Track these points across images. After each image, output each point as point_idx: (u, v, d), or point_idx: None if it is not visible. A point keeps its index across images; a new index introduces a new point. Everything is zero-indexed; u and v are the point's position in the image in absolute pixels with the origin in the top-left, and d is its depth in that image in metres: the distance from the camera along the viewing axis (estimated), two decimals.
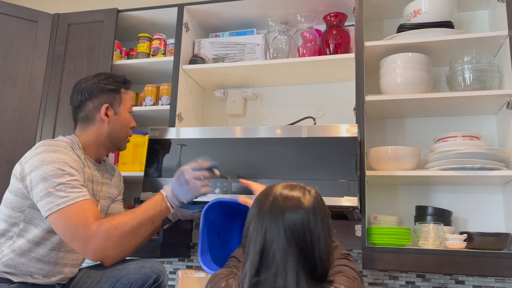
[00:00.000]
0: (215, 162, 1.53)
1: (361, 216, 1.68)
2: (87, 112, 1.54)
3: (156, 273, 1.52)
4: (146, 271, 1.48)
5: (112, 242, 1.35)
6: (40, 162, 1.36)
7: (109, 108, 1.54)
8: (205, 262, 1.51)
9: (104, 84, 1.55)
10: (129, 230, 1.38)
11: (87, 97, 1.54)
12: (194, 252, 2.18)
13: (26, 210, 1.39)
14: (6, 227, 1.40)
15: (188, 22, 2.16)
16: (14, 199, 1.41)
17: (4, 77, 2.09)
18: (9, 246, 1.39)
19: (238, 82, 2.23)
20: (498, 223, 1.84)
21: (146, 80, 2.36)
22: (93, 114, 1.54)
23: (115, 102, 1.56)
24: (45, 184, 1.33)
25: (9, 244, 1.39)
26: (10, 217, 1.40)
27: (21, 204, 1.40)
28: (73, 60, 2.17)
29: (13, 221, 1.40)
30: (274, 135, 1.64)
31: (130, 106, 1.63)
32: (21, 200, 1.40)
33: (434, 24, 1.85)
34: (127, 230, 1.38)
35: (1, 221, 1.41)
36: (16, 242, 1.39)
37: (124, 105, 1.60)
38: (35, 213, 1.39)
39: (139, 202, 2.04)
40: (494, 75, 1.78)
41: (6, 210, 1.41)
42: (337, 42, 1.97)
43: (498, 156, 1.67)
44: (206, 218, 1.55)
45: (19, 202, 1.40)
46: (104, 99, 1.54)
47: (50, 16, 2.22)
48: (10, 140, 2.04)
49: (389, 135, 2.05)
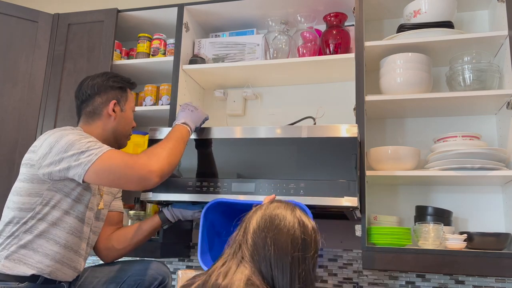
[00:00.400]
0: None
1: (361, 216, 1.68)
2: (95, 107, 1.58)
3: (161, 275, 1.54)
4: (152, 273, 1.50)
5: (164, 159, 1.41)
6: (55, 140, 1.40)
7: (116, 105, 1.60)
8: (205, 262, 1.51)
9: (113, 82, 1.61)
10: (170, 148, 1.46)
11: (96, 91, 1.58)
12: (194, 252, 2.18)
13: (44, 193, 1.41)
14: (20, 214, 1.41)
15: (188, 22, 2.16)
16: (29, 185, 1.42)
17: (4, 77, 2.09)
18: (26, 230, 1.39)
19: (238, 82, 2.23)
20: (498, 223, 1.84)
21: (146, 80, 2.36)
22: (100, 109, 1.58)
23: (122, 100, 1.62)
24: (71, 151, 1.36)
25: (24, 229, 1.40)
26: (25, 204, 1.41)
27: (38, 188, 1.41)
28: (73, 60, 2.17)
29: (29, 207, 1.41)
30: (274, 135, 1.64)
31: (134, 106, 1.69)
32: (37, 185, 1.41)
33: (434, 24, 1.85)
34: (169, 148, 1.46)
35: (13, 210, 1.42)
36: (33, 225, 1.40)
37: (129, 103, 1.66)
38: (54, 195, 1.42)
39: (139, 202, 2.05)
40: (494, 75, 1.78)
41: (19, 199, 1.42)
42: (337, 42, 1.97)
43: (498, 156, 1.67)
44: (206, 218, 1.55)
45: (36, 187, 1.41)
46: (112, 95, 1.60)
47: (50, 16, 2.22)
48: (10, 140, 2.04)
49: (389, 135, 2.05)
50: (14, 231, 1.40)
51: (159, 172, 1.39)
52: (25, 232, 1.39)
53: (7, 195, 1.67)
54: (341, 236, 2.00)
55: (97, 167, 1.35)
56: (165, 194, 1.67)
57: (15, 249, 1.37)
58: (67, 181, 1.43)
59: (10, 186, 1.98)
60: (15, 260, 1.37)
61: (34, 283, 1.37)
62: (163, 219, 1.72)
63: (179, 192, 1.66)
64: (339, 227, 1.98)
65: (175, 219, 1.72)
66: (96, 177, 1.36)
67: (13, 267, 1.36)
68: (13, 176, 2.00)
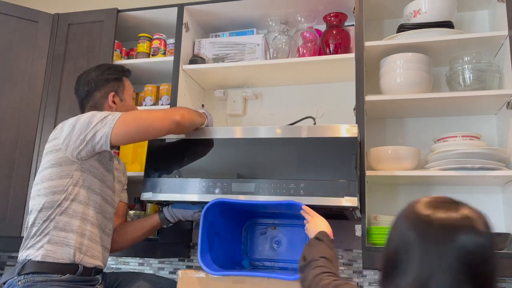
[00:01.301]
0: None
1: (361, 216, 1.68)
2: (95, 102, 1.63)
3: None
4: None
5: (184, 110, 1.57)
6: (75, 120, 1.48)
7: (115, 96, 1.65)
8: (205, 262, 1.51)
9: (107, 74, 1.66)
10: (192, 119, 1.61)
11: (93, 87, 1.64)
12: (194, 252, 2.18)
13: (74, 174, 1.47)
14: (54, 197, 1.45)
15: (188, 22, 2.16)
16: (59, 169, 1.47)
17: (4, 77, 2.09)
18: (62, 212, 1.44)
19: (238, 82, 2.23)
20: (498, 223, 1.84)
21: (146, 80, 2.36)
22: (101, 102, 1.63)
23: (120, 90, 1.68)
24: (94, 122, 1.44)
25: (60, 211, 1.44)
26: (58, 187, 1.46)
27: (68, 170, 1.47)
28: (73, 60, 2.16)
29: (62, 189, 1.45)
30: (274, 135, 1.64)
31: (133, 93, 1.74)
32: (66, 167, 1.47)
33: (434, 24, 1.85)
34: (189, 109, 1.62)
35: (46, 196, 1.46)
36: (68, 206, 1.45)
37: (128, 92, 1.71)
38: (82, 175, 1.48)
39: (139, 202, 2.05)
40: (494, 75, 1.78)
41: (51, 183, 1.46)
42: (337, 42, 1.97)
43: (498, 156, 1.67)
44: (206, 218, 1.55)
45: (65, 169, 1.47)
46: (109, 88, 1.65)
47: (50, 16, 2.22)
48: (10, 140, 2.04)
49: (389, 135, 2.04)
50: (49, 215, 1.44)
51: (179, 113, 1.52)
52: (60, 214, 1.44)
53: (7, 194, 1.68)
54: (341, 236, 2.00)
55: (122, 118, 1.45)
56: (165, 194, 1.67)
57: (55, 232, 1.42)
58: (93, 160, 1.50)
59: (10, 186, 2.00)
60: (58, 243, 1.42)
61: (73, 274, 1.42)
62: (163, 219, 1.72)
63: (179, 192, 1.66)
64: (339, 227, 1.97)
65: (175, 219, 1.72)
66: (124, 129, 1.44)
67: (56, 250, 1.41)
68: (13, 176, 2.00)
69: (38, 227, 1.43)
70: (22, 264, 1.40)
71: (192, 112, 1.62)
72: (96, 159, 1.51)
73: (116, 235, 1.69)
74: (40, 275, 1.38)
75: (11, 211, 1.97)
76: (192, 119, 1.60)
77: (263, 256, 1.82)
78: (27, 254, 1.41)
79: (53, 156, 1.48)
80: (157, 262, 2.24)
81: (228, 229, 1.76)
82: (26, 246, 1.44)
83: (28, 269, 1.38)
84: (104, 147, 1.45)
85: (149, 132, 1.49)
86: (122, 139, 1.46)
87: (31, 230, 1.45)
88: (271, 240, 1.83)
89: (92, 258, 1.48)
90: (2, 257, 2.49)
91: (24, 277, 1.37)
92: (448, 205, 0.82)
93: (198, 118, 1.65)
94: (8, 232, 1.95)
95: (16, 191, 1.98)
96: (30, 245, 1.43)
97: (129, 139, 1.49)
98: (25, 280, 1.37)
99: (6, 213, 1.97)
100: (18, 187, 1.98)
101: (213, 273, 1.47)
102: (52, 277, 1.38)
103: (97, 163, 1.53)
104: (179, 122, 1.50)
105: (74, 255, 1.43)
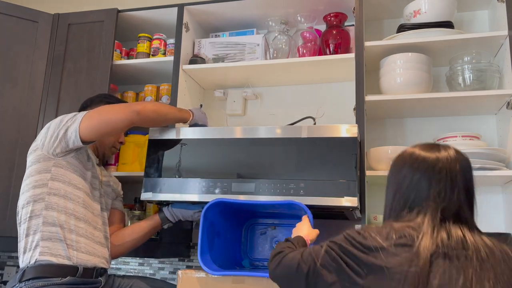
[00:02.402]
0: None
1: (361, 216, 1.68)
2: None
3: None
4: None
5: (149, 103, 1.57)
6: (49, 123, 1.54)
7: None
8: (205, 262, 1.51)
9: (103, 97, 1.73)
10: (160, 105, 1.63)
11: (88, 104, 1.71)
12: (194, 252, 2.18)
13: (52, 169, 1.50)
14: (35, 191, 1.48)
15: (188, 22, 2.16)
16: (37, 165, 1.51)
17: (4, 77, 2.09)
18: (47, 207, 1.46)
19: (238, 82, 2.23)
20: (498, 223, 1.84)
21: (146, 80, 2.36)
22: None
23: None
24: (64, 121, 1.50)
25: (44, 205, 1.46)
26: (37, 181, 1.49)
27: (46, 165, 1.50)
28: (73, 60, 2.16)
29: (42, 183, 1.49)
30: (274, 135, 1.64)
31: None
32: (44, 163, 1.50)
33: (434, 24, 1.85)
34: (159, 104, 1.65)
35: (28, 191, 1.49)
36: (51, 201, 1.47)
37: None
38: (60, 170, 1.51)
39: (139, 202, 2.05)
40: (494, 75, 1.78)
41: (31, 179, 1.50)
42: (337, 42, 1.97)
43: (498, 156, 1.67)
44: (206, 218, 1.55)
45: (43, 165, 1.50)
46: (100, 105, 1.66)
47: (50, 16, 2.22)
48: (10, 140, 2.04)
49: (389, 135, 2.04)
50: (33, 210, 1.46)
51: (142, 104, 1.54)
52: (46, 209, 1.46)
53: (7, 194, 1.68)
54: None
55: (88, 114, 1.50)
56: (165, 194, 1.67)
57: (45, 228, 1.44)
58: (69, 157, 1.53)
59: (10, 186, 2.00)
60: (51, 239, 1.44)
61: (74, 276, 1.43)
62: (163, 219, 1.72)
63: (179, 192, 1.66)
64: (339, 227, 1.97)
65: (175, 219, 1.72)
66: (88, 122, 1.48)
67: (51, 245, 1.43)
68: (13, 176, 2.00)
69: (27, 224, 1.46)
70: (23, 270, 1.41)
71: (164, 106, 1.64)
72: (73, 157, 1.54)
73: (114, 239, 1.68)
74: (40, 279, 1.38)
75: (11, 211, 1.96)
76: (159, 110, 1.59)
77: (263, 256, 1.82)
78: (25, 259, 1.43)
79: (32, 156, 1.53)
80: (157, 262, 2.24)
81: (228, 229, 1.76)
82: (22, 249, 1.46)
83: (29, 275, 1.39)
84: (76, 143, 1.49)
85: (110, 123, 1.50)
86: (90, 134, 1.49)
87: (21, 229, 1.48)
88: (271, 240, 1.83)
89: (87, 254, 1.48)
90: (2, 257, 2.49)
91: (25, 284, 1.38)
92: (438, 147, 1.08)
93: (172, 111, 1.66)
94: (8, 232, 1.95)
95: (16, 191, 1.97)
96: (26, 247, 1.44)
97: (96, 133, 1.50)
98: (26, 286, 1.38)
99: (6, 213, 1.97)
100: (18, 187, 1.95)
101: (213, 273, 1.47)
102: (53, 281, 1.39)
103: (75, 160, 1.55)
104: (139, 111, 1.51)
105: (69, 251, 1.43)
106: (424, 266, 0.89)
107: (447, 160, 1.04)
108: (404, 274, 0.89)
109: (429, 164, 1.04)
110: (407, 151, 1.10)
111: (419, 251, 0.91)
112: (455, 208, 1.00)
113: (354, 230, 1.03)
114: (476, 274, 0.88)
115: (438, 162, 1.03)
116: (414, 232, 0.95)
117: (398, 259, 0.92)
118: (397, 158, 1.11)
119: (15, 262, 2.45)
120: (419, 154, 1.06)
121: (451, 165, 1.03)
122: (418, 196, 1.02)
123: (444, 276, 0.88)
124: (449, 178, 1.02)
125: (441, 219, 0.98)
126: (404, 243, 0.94)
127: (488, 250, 0.93)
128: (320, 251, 1.04)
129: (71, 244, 1.46)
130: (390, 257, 0.92)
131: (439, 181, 1.02)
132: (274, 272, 1.14)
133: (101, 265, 1.53)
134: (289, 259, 1.10)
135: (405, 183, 1.05)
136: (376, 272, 0.92)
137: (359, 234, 1.00)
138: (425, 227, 0.96)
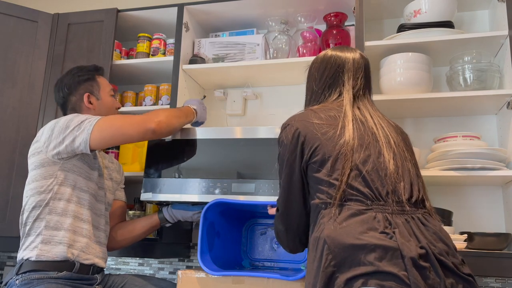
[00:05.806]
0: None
1: None
2: (73, 105, 1.65)
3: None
4: None
5: (162, 113, 1.54)
6: (54, 123, 1.50)
7: (90, 96, 1.66)
8: (205, 262, 1.51)
9: (78, 76, 1.66)
10: (170, 111, 1.60)
11: (67, 92, 1.65)
12: (194, 252, 2.18)
13: (57, 174, 1.49)
14: (40, 197, 1.48)
15: (188, 22, 2.16)
16: (42, 170, 1.50)
17: (4, 77, 2.09)
18: (50, 211, 1.47)
19: (238, 82, 2.23)
20: (498, 223, 1.84)
21: (146, 80, 2.36)
22: (78, 105, 1.65)
23: (94, 89, 1.68)
24: (72, 126, 1.47)
25: (48, 210, 1.47)
26: (43, 186, 1.48)
27: (51, 170, 1.49)
28: (73, 60, 2.16)
29: (47, 188, 1.48)
30: (274, 135, 1.64)
31: (110, 90, 1.73)
32: (49, 168, 1.49)
33: (434, 24, 1.85)
34: (169, 111, 1.60)
35: (33, 196, 1.49)
36: (56, 205, 1.48)
37: (103, 89, 1.70)
38: (66, 174, 1.50)
39: (139, 202, 2.05)
40: (494, 75, 1.78)
41: (36, 184, 1.50)
42: (337, 42, 1.97)
43: (498, 156, 1.67)
44: (206, 218, 1.55)
45: (49, 170, 1.49)
46: (83, 89, 1.66)
47: (50, 16, 2.22)
48: (10, 140, 2.04)
49: None
50: (38, 214, 1.47)
51: (156, 120, 1.50)
52: (50, 214, 1.47)
53: (7, 194, 1.68)
54: None
55: (99, 124, 1.46)
56: (165, 194, 1.67)
57: (47, 232, 1.45)
58: (75, 160, 1.52)
59: (10, 186, 2.00)
60: (51, 243, 1.44)
61: (70, 271, 1.45)
62: (162, 219, 1.72)
63: (179, 193, 1.65)
64: None
65: (174, 219, 1.72)
66: (100, 135, 1.45)
67: (50, 249, 1.44)
68: (13, 176, 2.00)
69: (30, 226, 1.48)
70: (20, 264, 1.44)
71: (173, 116, 1.58)
72: (78, 159, 1.53)
73: (114, 233, 1.71)
74: (36, 272, 1.41)
75: (11, 211, 1.97)
76: (171, 124, 1.55)
77: (263, 256, 1.82)
78: (23, 255, 1.45)
79: (35, 158, 1.52)
80: (157, 262, 2.24)
81: (228, 229, 1.76)
82: (22, 246, 1.48)
83: (25, 268, 1.42)
84: (84, 151, 1.48)
85: (124, 137, 1.49)
86: (100, 144, 1.48)
87: (24, 229, 1.49)
88: (271, 240, 1.83)
89: (88, 254, 1.50)
90: (2, 257, 2.49)
91: (21, 276, 1.41)
92: (346, 47, 1.38)
93: (180, 120, 1.62)
94: (8, 232, 1.95)
95: (16, 191, 1.98)
96: (26, 246, 1.46)
97: (106, 144, 1.49)
98: (22, 278, 1.40)
99: (6, 213, 1.97)
100: (18, 187, 1.97)
101: (213, 273, 1.47)
102: (49, 274, 1.41)
103: (80, 162, 1.54)
104: (154, 130, 1.49)
105: (68, 252, 1.45)
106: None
107: (354, 57, 1.34)
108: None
109: (342, 60, 1.32)
110: (320, 55, 1.35)
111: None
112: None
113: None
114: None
115: (348, 58, 1.33)
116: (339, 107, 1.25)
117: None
118: (314, 59, 1.35)
119: (15, 262, 2.45)
120: (332, 53, 1.33)
121: (359, 61, 1.34)
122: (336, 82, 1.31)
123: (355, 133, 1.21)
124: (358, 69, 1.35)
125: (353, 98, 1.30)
126: (333, 115, 1.22)
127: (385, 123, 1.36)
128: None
129: (71, 244, 1.47)
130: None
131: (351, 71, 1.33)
132: (288, 243, 1.27)
133: (98, 264, 1.54)
134: (277, 230, 1.27)
135: (325, 74, 1.31)
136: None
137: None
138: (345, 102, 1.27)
